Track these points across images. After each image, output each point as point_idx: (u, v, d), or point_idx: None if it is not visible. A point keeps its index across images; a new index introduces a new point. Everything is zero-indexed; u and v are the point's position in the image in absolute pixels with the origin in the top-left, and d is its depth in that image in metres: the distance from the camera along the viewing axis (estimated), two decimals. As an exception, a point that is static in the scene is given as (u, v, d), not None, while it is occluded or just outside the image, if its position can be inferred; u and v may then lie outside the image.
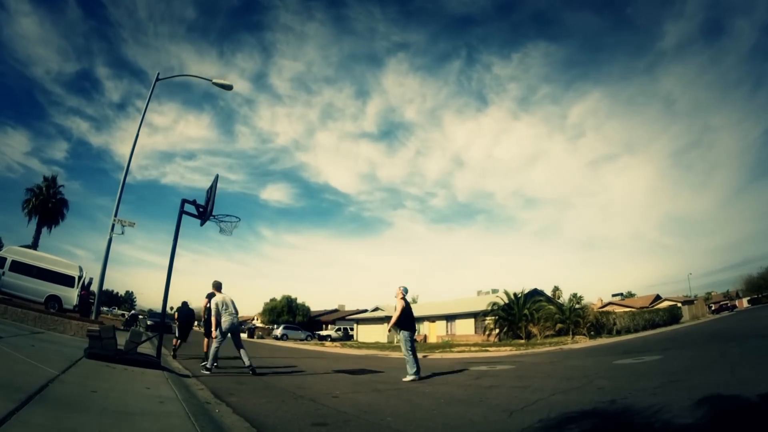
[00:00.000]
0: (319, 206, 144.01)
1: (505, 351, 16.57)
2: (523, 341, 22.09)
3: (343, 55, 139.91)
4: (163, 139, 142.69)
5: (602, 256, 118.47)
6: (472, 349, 18.63)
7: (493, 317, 27.01)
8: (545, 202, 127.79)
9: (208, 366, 7.37)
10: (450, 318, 35.69)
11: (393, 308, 8.66)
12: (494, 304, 27.09)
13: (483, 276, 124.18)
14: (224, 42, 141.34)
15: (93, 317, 12.17)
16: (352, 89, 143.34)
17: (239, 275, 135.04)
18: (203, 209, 7.95)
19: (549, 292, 36.45)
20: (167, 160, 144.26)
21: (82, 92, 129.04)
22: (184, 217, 7.90)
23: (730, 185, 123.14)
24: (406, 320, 7.81)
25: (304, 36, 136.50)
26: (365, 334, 40.60)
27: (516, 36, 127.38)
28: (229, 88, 12.86)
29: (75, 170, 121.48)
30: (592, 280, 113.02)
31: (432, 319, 36.66)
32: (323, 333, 43.31)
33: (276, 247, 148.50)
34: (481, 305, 29.98)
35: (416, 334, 8.04)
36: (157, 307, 37.09)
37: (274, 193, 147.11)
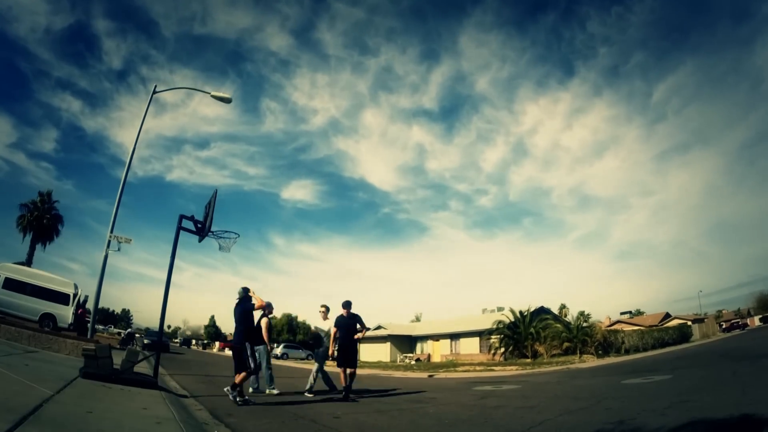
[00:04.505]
0: (348, 207, 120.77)
1: (511, 370, 16.24)
2: (529, 360, 21.64)
3: None
4: (172, 121, 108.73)
5: (636, 267, 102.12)
6: (477, 368, 18.26)
7: (498, 336, 26.55)
8: (599, 202, 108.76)
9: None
10: (454, 337, 35.15)
11: (396, 326, 8.61)
12: (500, 322, 26.68)
13: (491, 291, 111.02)
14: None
15: (88, 336, 12.03)
16: (419, 49, 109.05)
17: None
18: (201, 225, 7.87)
19: (556, 310, 35.83)
20: (175, 149, 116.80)
21: (74, 57, 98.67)
22: (188, 225, 7.82)
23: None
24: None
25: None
26: (367, 353, 39.89)
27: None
28: (228, 101, 12.64)
29: (66, 166, 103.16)
30: (615, 293, 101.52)
31: (436, 337, 36.11)
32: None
33: (287, 258, 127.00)
34: (486, 323, 29.52)
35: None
36: (155, 325, 36.80)
37: (298, 192, 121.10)
